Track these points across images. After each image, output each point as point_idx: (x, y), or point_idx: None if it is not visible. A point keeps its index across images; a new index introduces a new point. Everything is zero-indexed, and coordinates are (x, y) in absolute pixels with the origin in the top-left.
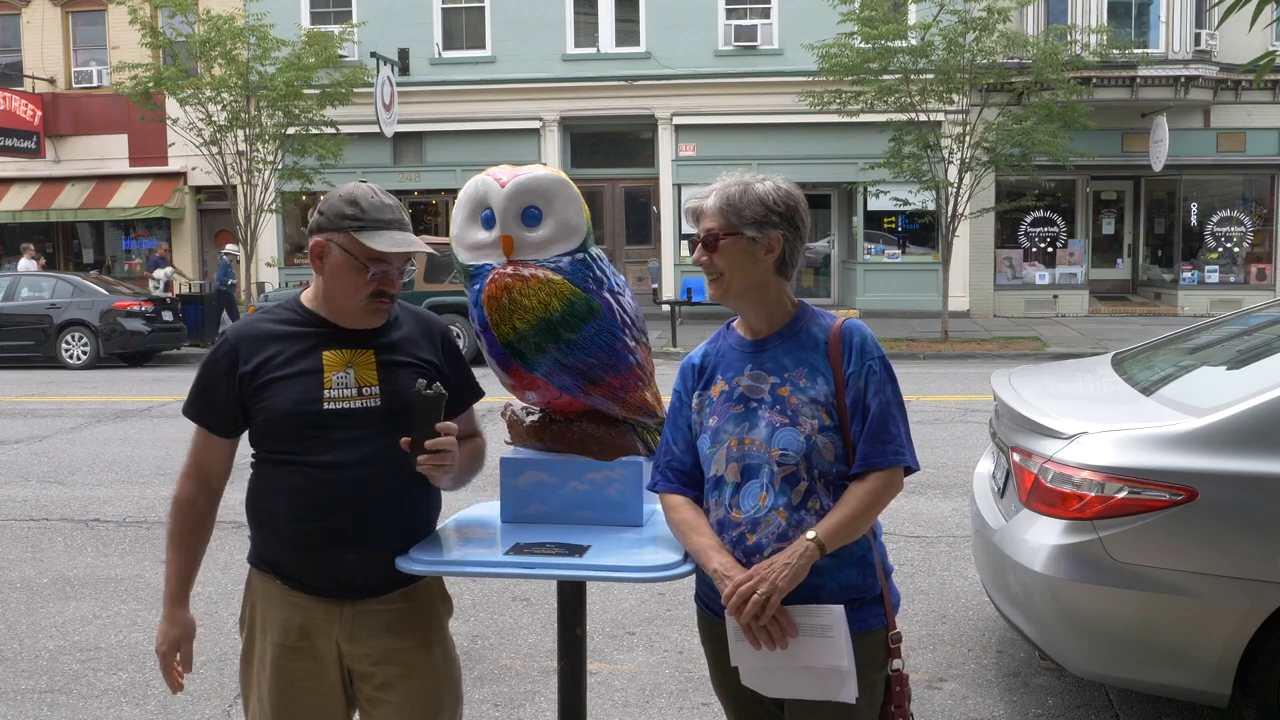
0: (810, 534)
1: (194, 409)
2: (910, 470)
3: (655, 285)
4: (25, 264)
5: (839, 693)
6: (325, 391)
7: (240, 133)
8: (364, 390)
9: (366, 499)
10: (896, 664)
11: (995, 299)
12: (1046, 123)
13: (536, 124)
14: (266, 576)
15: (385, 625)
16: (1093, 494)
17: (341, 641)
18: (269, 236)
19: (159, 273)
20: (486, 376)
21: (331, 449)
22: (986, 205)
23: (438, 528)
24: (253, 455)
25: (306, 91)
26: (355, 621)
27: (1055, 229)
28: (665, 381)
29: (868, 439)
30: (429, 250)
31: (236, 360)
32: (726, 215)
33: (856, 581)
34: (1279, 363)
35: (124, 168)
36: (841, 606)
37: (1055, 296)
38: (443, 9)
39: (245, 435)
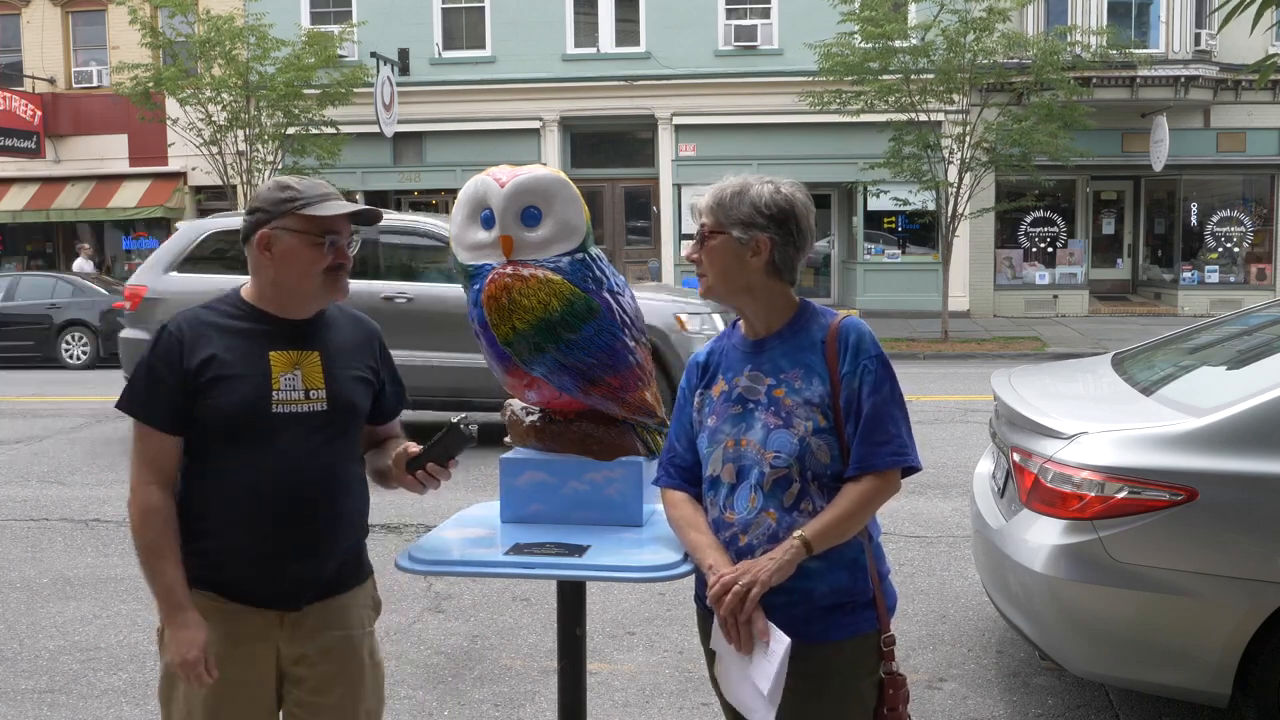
0: (798, 533)
1: (138, 405)
2: (911, 470)
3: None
4: (81, 263)
5: (754, 714)
6: (274, 393)
7: (240, 133)
8: (311, 393)
9: (311, 504)
10: (890, 667)
11: (995, 299)
12: (1046, 123)
13: (536, 124)
14: (199, 593)
15: (322, 625)
16: (1093, 494)
17: (282, 644)
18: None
19: None
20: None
21: (276, 453)
22: (986, 205)
23: (437, 527)
24: (182, 459)
25: (306, 91)
26: (297, 625)
27: (1055, 229)
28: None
29: (861, 440)
30: (368, 208)
31: (182, 353)
32: (715, 214)
33: (848, 585)
34: (1279, 363)
35: (124, 168)
36: (789, 641)
37: (1055, 296)
38: (443, 9)
39: None
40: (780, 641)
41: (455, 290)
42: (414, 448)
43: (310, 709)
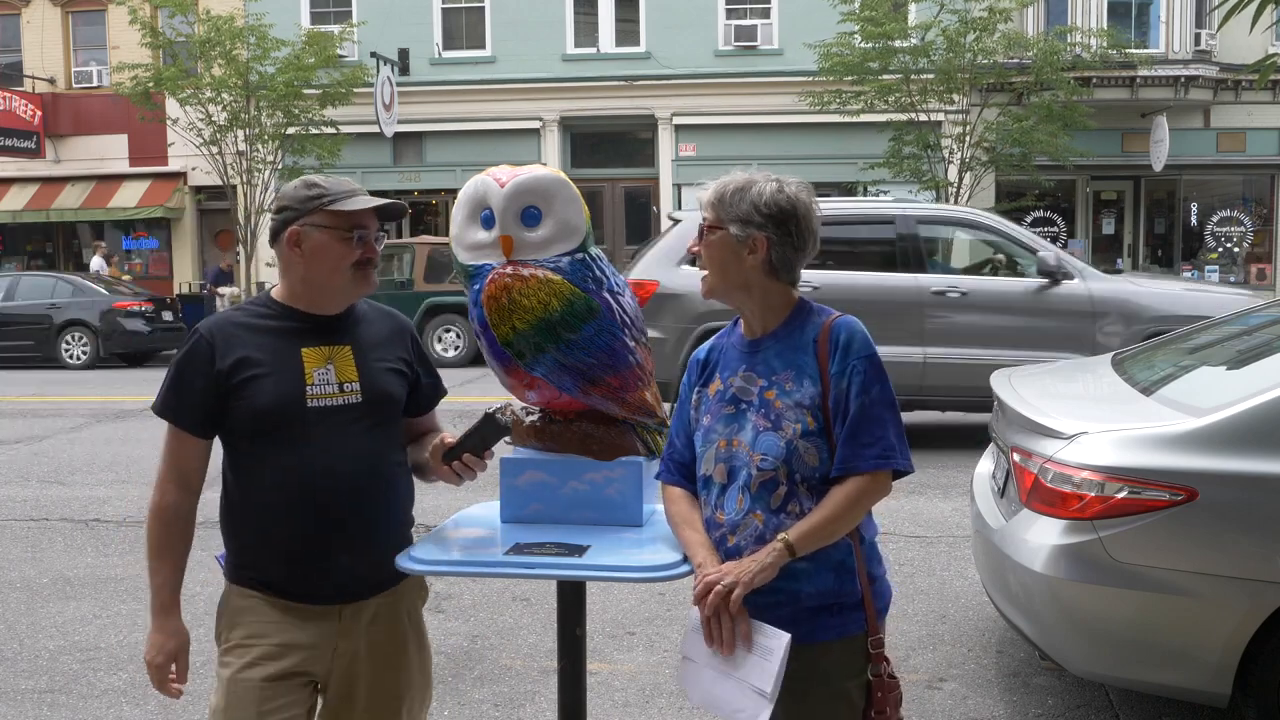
0: (782, 535)
1: (168, 408)
2: (901, 473)
3: None
4: (98, 261)
5: (741, 713)
6: (308, 388)
7: (240, 133)
8: (345, 386)
9: (354, 497)
10: (880, 669)
11: None
12: (1046, 123)
13: (536, 124)
14: (252, 593)
15: (372, 619)
16: (1093, 494)
17: (339, 640)
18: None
19: (225, 290)
20: (487, 376)
21: (315, 448)
22: (987, 205)
23: (437, 527)
24: (225, 460)
25: (306, 91)
26: (351, 619)
27: (1055, 229)
28: None
29: (846, 441)
30: (394, 202)
31: (213, 356)
32: (716, 209)
33: (833, 587)
34: (1279, 363)
35: (124, 168)
36: (789, 636)
37: None
38: (443, 9)
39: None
40: (779, 638)
41: (1015, 285)
42: (450, 438)
43: (350, 701)
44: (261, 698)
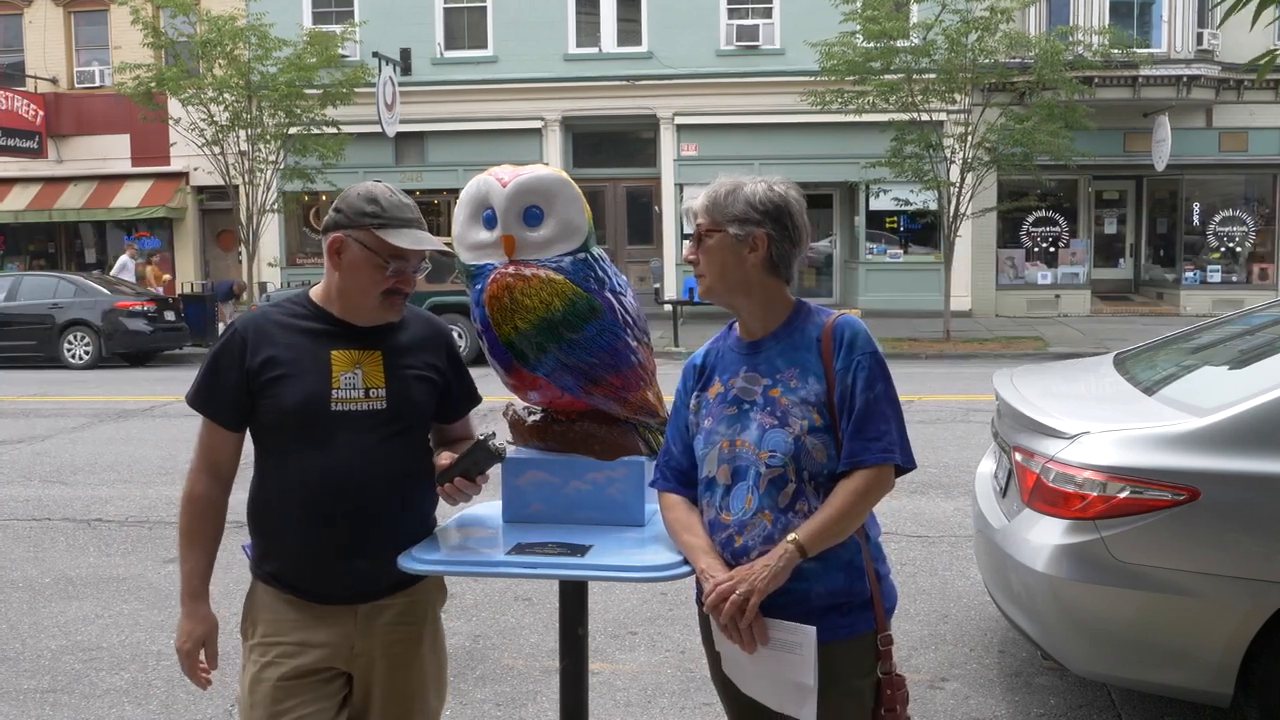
0: (792, 536)
1: (200, 400)
2: (903, 470)
3: (657, 285)
4: (124, 260)
5: (799, 709)
6: (333, 391)
7: (242, 133)
8: (370, 392)
9: (373, 503)
10: (889, 668)
11: (997, 299)
12: (1048, 122)
13: (538, 124)
14: (273, 589)
15: (389, 620)
16: (1095, 494)
17: (356, 640)
18: (271, 236)
19: (231, 315)
20: (488, 376)
21: (336, 451)
22: (988, 205)
23: (440, 527)
24: (255, 455)
25: (308, 91)
26: (368, 619)
27: (1057, 229)
28: (666, 381)
29: (853, 436)
30: (446, 249)
31: (245, 352)
32: (711, 212)
33: (843, 586)
34: None
35: (126, 168)
36: (814, 629)
37: (1057, 296)
38: (444, 9)
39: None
40: (803, 633)
41: None
42: (446, 460)
43: (369, 701)
44: (274, 698)
